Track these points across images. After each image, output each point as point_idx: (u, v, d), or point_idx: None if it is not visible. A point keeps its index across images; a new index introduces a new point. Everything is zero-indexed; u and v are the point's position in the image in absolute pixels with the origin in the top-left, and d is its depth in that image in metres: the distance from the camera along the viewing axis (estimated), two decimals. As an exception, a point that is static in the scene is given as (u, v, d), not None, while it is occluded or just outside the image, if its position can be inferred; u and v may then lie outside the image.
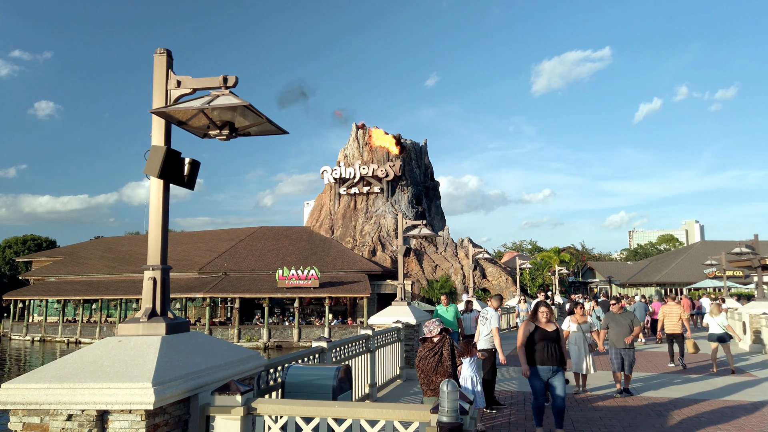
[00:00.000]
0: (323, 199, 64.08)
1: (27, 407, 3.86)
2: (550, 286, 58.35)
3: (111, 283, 51.39)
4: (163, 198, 4.72)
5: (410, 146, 65.73)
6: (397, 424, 3.84)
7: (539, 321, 7.78)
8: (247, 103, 4.27)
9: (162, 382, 3.87)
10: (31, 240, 77.95)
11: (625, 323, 10.88)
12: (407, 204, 60.62)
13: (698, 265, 52.69)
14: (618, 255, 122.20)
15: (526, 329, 7.76)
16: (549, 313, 7.87)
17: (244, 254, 54.27)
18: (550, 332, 7.68)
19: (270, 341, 44.22)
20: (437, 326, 6.42)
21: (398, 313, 12.88)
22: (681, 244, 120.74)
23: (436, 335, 6.37)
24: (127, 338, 4.39)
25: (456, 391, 3.60)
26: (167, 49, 4.81)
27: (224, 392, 4.16)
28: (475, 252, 32.75)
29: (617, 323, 10.95)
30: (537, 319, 7.82)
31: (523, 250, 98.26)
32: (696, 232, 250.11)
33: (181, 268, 49.73)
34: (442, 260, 56.78)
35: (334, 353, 8.23)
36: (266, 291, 45.41)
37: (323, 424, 4.03)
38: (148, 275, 4.63)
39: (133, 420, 3.82)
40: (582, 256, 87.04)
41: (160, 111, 4.47)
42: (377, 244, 56.92)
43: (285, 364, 6.06)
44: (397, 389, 11.29)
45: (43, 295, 51.69)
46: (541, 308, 7.86)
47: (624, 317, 11.02)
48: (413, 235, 16.29)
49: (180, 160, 4.72)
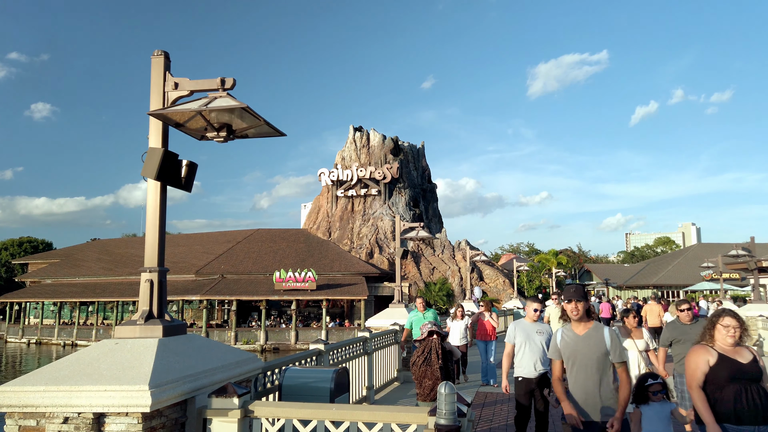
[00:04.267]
0: (320, 202, 64.04)
1: (23, 410, 3.85)
2: (548, 288, 58.44)
3: (107, 286, 51.24)
4: (161, 200, 4.71)
5: (408, 149, 65.78)
6: (394, 427, 3.84)
7: (722, 344, 4.39)
8: (244, 105, 4.27)
9: (159, 385, 3.86)
10: (28, 242, 77.77)
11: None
12: (404, 206, 60.62)
13: (695, 268, 52.79)
14: (615, 257, 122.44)
15: (703, 359, 4.37)
16: (740, 329, 4.40)
17: (241, 256, 54.19)
18: (745, 365, 4.28)
19: (267, 344, 44.14)
20: (428, 328, 6.35)
21: (396, 315, 12.89)
22: (678, 247, 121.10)
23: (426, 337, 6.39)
24: (123, 341, 4.38)
25: (454, 394, 3.59)
26: (165, 51, 4.81)
27: (221, 395, 4.15)
28: (472, 254, 32.77)
29: (689, 339, 6.77)
30: (714, 339, 4.46)
31: (521, 252, 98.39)
32: (693, 235, 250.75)
33: (178, 271, 49.61)
34: (440, 262, 56.79)
35: (331, 356, 8.22)
36: (263, 293, 45.34)
37: (320, 426, 4.02)
38: (145, 277, 4.63)
39: (130, 423, 3.80)
40: (579, 259, 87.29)
41: (157, 113, 4.47)
42: (374, 246, 56.89)
43: (282, 367, 6.04)
44: (395, 392, 11.27)
45: (40, 297, 51.49)
46: (726, 319, 4.42)
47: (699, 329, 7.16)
48: (411, 238, 16.32)
49: (177, 162, 4.72)
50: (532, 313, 6.95)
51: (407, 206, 61.13)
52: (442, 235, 61.13)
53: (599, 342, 4.46)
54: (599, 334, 4.50)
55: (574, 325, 4.61)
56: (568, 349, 4.56)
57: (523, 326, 6.83)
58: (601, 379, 4.42)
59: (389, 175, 60.37)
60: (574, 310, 4.55)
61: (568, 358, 4.55)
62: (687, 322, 7.24)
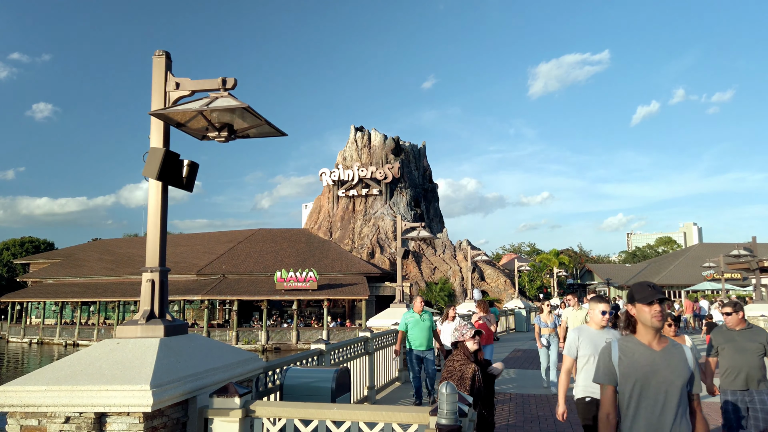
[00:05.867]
0: (322, 202, 64.05)
1: (25, 410, 3.85)
2: (549, 288, 58.38)
3: (109, 286, 51.28)
4: (162, 200, 4.72)
5: (409, 148, 65.78)
6: (395, 427, 3.84)
7: None
8: (246, 105, 4.27)
9: (160, 385, 3.86)
10: (29, 242, 77.84)
11: (754, 349, 5.79)
12: (406, 206, 60.61)
13: (696, 268, 52.70)
14: (616, 257, 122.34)
15: None
16: None
17: (242, 256, 54.22)
18: None
19: (268, 343, 44.16)
20: (469, 329, 5.23)
21: (397, 315, 12.87)
22: (679, 247, 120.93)
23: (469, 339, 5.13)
24: (125, 340, 4.38)
25: (455, 394, 3.59)
26: (166, 51, 4.82)
27: (223, 394, 4.15)
28: (473, 254, 32.75)
29: (739, 349, 5.86)
30: None
31: (522, 252, 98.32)
32: (694, 235, 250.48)
33: (179, 271, 49.66)
34: (441, 262, 56.77)
35: (332, 355, 8.22)
36: (264, 293, 45.36)
37: (322, 426, 4.02)
38: (147, 277, 4.63)
39: (131, 422, 3.81)
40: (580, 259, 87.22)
41: (158, 113, 4.47)
42: (376, 246, 56.87)
43: (283, 367, 6.05)
44: (396, 391, 11.28)
45: (41, 297, 51.55)
46: None
47: (751, 337, 5.89)
48: (412, 238, 16.31)
49: (179, 162, 4.72)
50: (600, 318, 5.32)
51: (408, 206, 61.11)
52: (444, 235, 61.11)
53: (682, 362, 3.35)
54: (680, 353, 3.40)
55: (644, 336, 3.43)
56: (638, 370, 3.34)
57: (588, 334, 5.27)
58: (680, 415, 3.29)
59: (390, 175, 60.35)
60: (658, 316, 3.35)
61: (636, 382, 3.33)
62: (735, 327, 5.94)
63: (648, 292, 3.40)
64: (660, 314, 3.35)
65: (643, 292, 3.43)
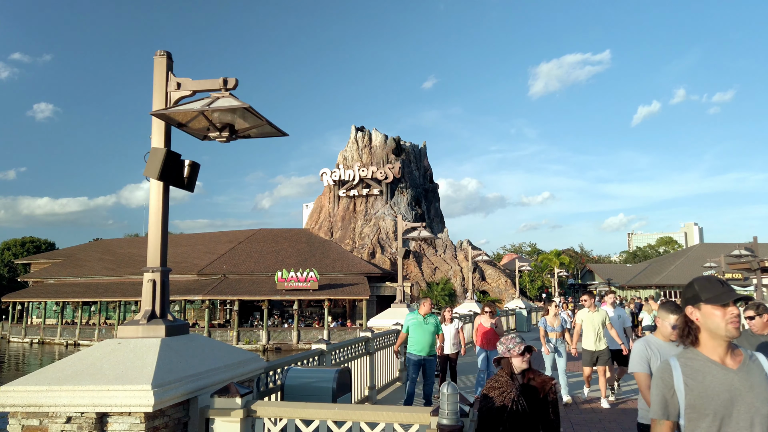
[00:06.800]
0: (322, 202, 64.09)
1: (26, 410, 3.85)
2: (550, 288, 58.39)
3: (110, 286, 51.34)
4: (163, 200, 4.72)
5: (409, 148, 65.81)
6: (397, 427, 3.83)
7: None
8: (247, 105, 4.27)
9: (161, 385, 3.86)
10: (30, 242, 77.95)
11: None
12: (406, 206, 60.63)
13: (697, 268, 52.64)
14: (617, 257, 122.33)
15: None
16: None
17: (243, 256, 54.26)
18: None
19: (269, 343, 44.19)
20: (518, 343, 4.18)
21: (398, 315, 12.88)
22: (680, 247, 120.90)
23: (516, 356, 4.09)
24: (126, 340, 4.39)
25: (456, 394, 3.59)
26: (167, 51, 4.82)
27: (224, 394, 4.15)
28: (474, 254, 32.75)
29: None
30: None
31: (523, 252, 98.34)
32: (695, 235, 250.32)
33: (180, 271, 49.70)
34: (442, 262, 56.78)
35: (333, 355, 8.22)
36: (265, 293, 45.38)
37: (323, 426, 4.02)
38: (148, 277, 4.63)
39: (133, 422, 3.81)
40: (581, 259, 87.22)
41: (160, 113, 4.47)
42: (376, 246, 56.90)
43: (284, 367, 6.05)
44: (397, 392, 11.27)
45: (42, 297, 51.62)
46: None
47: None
48: (412, 238, 16.32)
49: (180, 162, 4.72)
50: (670, 331, 4.45)
51: (409, 206, 61.13)
52: (444, 235, 61.13)
53: (762, 379, 2.50)
54: (758, 366, 2.55)
55: (713, 350, 2.55)
56: (713, 399, 2.44)
57: (659, 347, 4.43)
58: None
59: (391, 175, 60.37)
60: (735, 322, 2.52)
61: (715, 416, 2.42)
62: (762, 331, 5.20)
63: (720, 289, 2.59)
64: (737, 320, 2.52)
65: (713, 289, 2.59)
